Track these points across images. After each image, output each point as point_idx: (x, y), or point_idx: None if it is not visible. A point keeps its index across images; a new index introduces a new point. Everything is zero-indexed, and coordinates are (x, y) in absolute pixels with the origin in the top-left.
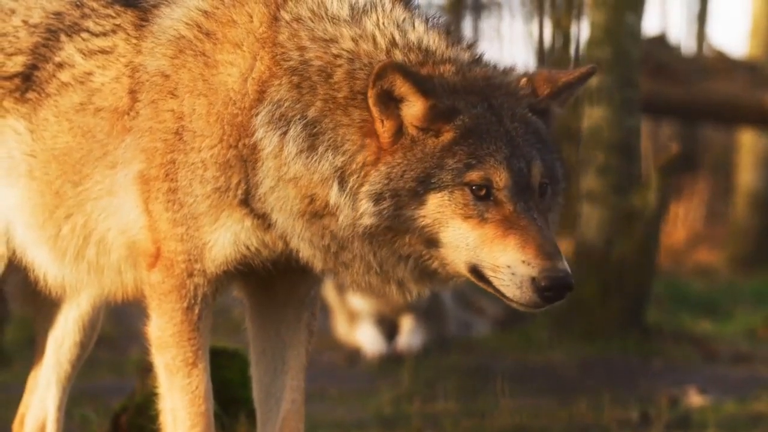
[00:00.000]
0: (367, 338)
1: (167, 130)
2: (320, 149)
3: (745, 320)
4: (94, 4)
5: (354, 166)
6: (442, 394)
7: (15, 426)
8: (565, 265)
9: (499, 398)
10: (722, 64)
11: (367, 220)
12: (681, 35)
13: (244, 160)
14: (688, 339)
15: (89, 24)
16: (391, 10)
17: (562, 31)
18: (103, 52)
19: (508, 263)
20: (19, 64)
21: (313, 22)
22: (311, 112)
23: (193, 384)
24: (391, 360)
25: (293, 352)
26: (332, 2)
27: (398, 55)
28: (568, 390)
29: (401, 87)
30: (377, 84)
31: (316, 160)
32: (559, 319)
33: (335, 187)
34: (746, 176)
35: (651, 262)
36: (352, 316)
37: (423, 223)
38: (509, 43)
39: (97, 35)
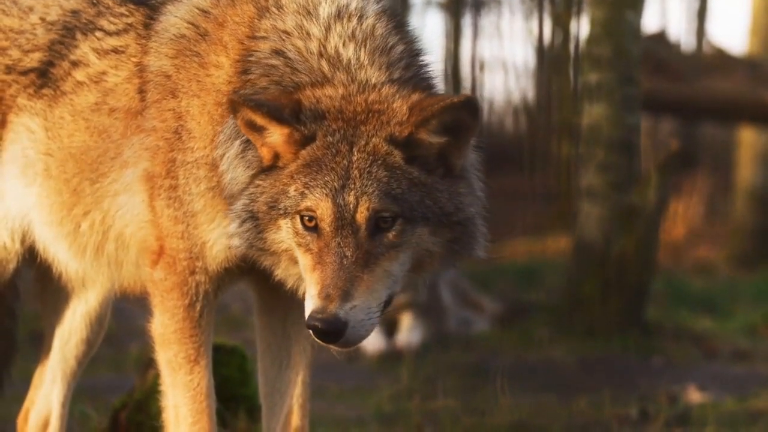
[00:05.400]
0: None
1: (168, 129)
2: (239, 167)
3: (744, 317)
4: (109, 2)
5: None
6: (441, 391)
7: (20, 421)
8: (339, 310)
9: (499, 395)
10: (722, 61)
11: (235, 241)
12: (681, 32)
13: None
14: (688, 336)
15: (103, 23)
16: (359, 21)
17: (561, 28)
18: (116, 51)
19: (306, 296)
20: (36, 60)
21: (294, 14)
22: None
23: (195, 381)
24: (391, 357)
25: (298, 348)
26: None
27: (315, 65)
28: (567, 387)
29: (256, 118)
30: (237, 117)
31: (237, 176)
32: (559, 317)
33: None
34: (746, 173)
35: (651, 259)
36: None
37: (284, 247)
38: (509, 41)
39: (110, 34)
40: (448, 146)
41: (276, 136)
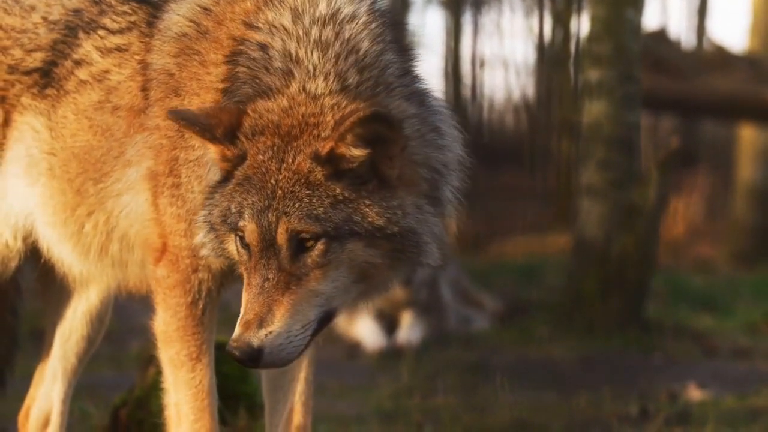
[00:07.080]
0: (366, 332)
1: (171, 127)
2: (218, 174)
3: (744, 315)
4: (112, 1)
5: None
6: (441, 389)
7: (20, 418)
8: (253, 338)
9: (499, 393)
10: (722, 59)
11: (204, 251)
12: (681, 30)
13: None
14: (688, 334)
15: (106, 21)
16: (335, 26)
17: (562, 25)
18: (119, 49)
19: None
20: (38, 60)
21: (291, 10)
22: None
23: (196, 378)
24: (391, 354)
25: None
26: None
27: (283, 68)
28: (568, 385)
29: (192, 135)
30: (182, 128)
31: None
32: (559, 314)
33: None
34: (746, 171)
35: (651, 257)
36: (352, 311)
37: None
38: (510, 38)
39: (113, 32)
40: (375, 158)
41: (211, 153)
